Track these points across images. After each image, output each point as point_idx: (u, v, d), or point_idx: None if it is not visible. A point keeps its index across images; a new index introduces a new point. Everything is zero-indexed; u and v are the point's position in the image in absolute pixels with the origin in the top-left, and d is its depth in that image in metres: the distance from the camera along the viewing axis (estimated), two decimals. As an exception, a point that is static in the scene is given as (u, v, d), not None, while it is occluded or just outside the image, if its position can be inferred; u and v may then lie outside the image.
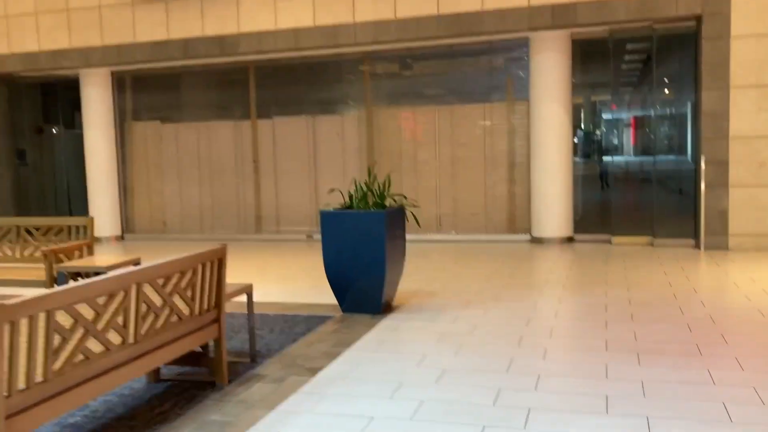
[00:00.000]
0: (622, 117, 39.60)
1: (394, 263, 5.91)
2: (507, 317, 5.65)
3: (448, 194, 10.59)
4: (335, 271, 5.85)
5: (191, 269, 3.90)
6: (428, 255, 9.18)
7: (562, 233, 9.81)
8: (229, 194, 11.69)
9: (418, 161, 10.71)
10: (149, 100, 11.98)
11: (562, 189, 9.77)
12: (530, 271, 7.82)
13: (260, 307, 6.28)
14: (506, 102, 10.28)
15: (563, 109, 9.69)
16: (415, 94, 10.69)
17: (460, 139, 10.49)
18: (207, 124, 11.70)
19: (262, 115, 11.40)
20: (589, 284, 6.90)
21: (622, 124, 40.25)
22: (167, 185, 12.03)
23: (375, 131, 10.86)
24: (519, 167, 10.25)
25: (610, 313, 5.69)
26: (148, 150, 12.10)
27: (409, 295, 6.61)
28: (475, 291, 6.74)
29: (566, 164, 9.79)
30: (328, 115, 11.08)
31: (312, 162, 11.19)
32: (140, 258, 6.12)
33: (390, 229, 5.79)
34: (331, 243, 5.83)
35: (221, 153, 11.68)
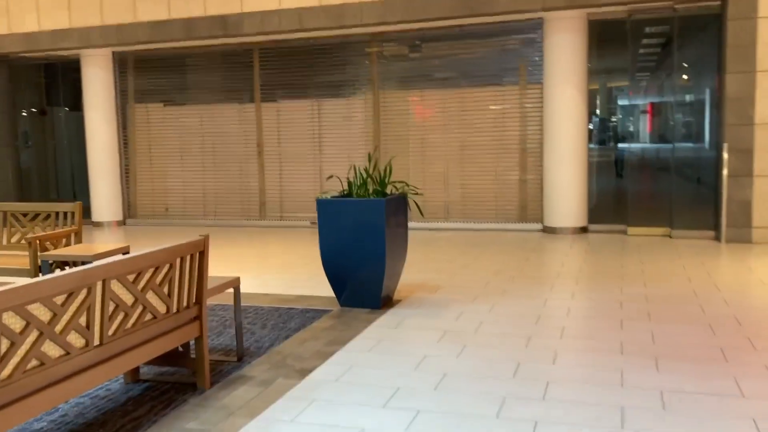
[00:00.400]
0: (638, 103, 38.97)
1: (395, 255, 5.56)
2: (515, 314, 5.29)
3: (457, 181, 10.21)
4: (332, 263, 5.52)
5: (167, 263, 3.57)
6: (435, 244, 8.82)
7: (575, 223, 9.41)
8: (232, 179, 11.37)
9: (427, 146, 10.33)
10: (152, 83, 11.66)
11: (576, 177, 9.36)
12: (541, 263, 7.45)
13: (255, 299, 5.96)
14: (519, 86, 9.86)
15: (578, 93, 9.26)
16: (424, 77, 10.29)
17: (470, 124, 10.09)
18: (210, 107, 11.36)
19: (266, 98, 11.05)
20: (603, 278, 6.52)
21: (637, 111, 39.63)
22: (170, 169, 11.73)
23: (382, 115, 10.48)
24: (531, 154, 9.85)
25: (625, 310, 5.32)
26: (150, 133, 11.79)
27: (412, 288, 6.26)
28: (482, 284, 6.38)
29: (581, 151, 9.37)
30: (334, 99, 10.71)
31: (317, 147, 10.84)
32: (129, 246, 5.80)
33: (391, 218, 5.44)
34: (328, 233, 5.49)
35: (225, 137, 11.35)
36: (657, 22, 9.92)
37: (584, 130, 9.41)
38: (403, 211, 5.75)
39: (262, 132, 11.12)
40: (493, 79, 9.98)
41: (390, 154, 10.45)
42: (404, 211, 5.76)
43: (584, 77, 9.34)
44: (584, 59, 9.30)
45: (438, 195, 10.31)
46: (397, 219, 5.60)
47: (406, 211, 5.80)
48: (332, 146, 10.76)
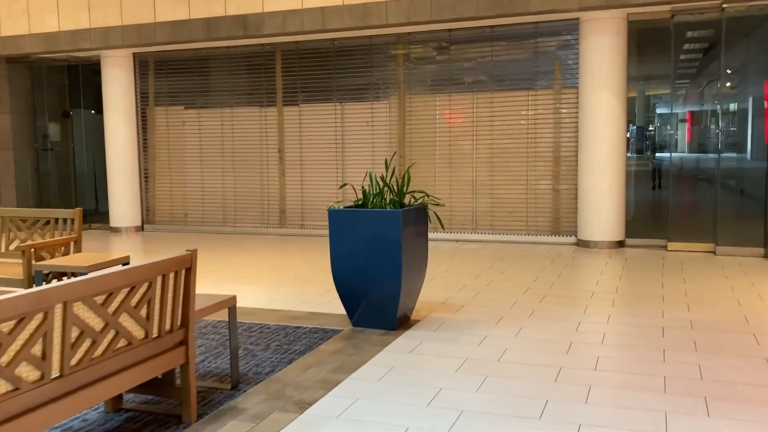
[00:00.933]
0: (678, 111, 37.85)
1: (412, 271, 5.09)
2: (544, 340, 4.77)
3: (486, 190, 9.69)
4: (344, 279, 5.06)
5: (145, 282, 3.15)
6: (460, 257, 8.32)
7: (611, 237, 8.83)
8: (252, 185, 11.01)
9: (454, 153, 9.83)
10: (172, 85, 11.37)
11: (613, 187, 8.78)
12: (574, 280, 6.91)
13: (263, 316, 5.53)
14: (553, 90, 9.32)
15: (616, 98, 8.70)
16: (452, 81, 9.81)
17: (500, 130, 9.57)
18: (231, 110, 11.02)
19: (288, 101, 10.67)
20: (642, 300, 5.96)
21: (676, 119, 38.54)
22: (189, 174, 11.41)
23: (407, 120, 10.02)
24: (565, 162, 9.29)
25: (668, 339, 4.76)
26: (170, 137, 11.50)
27: (432, 307, 5.77)
28: (509, 304, 5.87)
29: (618, 160, 8.80)
30: (358, 103, 10.28)
31: (340, 152, 10.41)
32: (129, 256, 5.43)
33: (409, 231, 4.97)
34: (340, 247, 5.03)
35: (245, 141, 11.00)
36: (701, 25, 9.30)
37: (622, 137, 8.83)
38: (423, 224, 5.27)
39: (283, 136, 10.74)
40: (526, 83, 9.45)
41: (415, 161, 9.98)
42: (424, 223, 5.29)
43: (623, 81, 8.76)
44: (623, 62, 8.73)
45: (465, 204, 9.81)
46: (416, 232, 5.13)
47: (426, 224, 5.32)
48: (355, 152, 10.33)
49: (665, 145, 31.46)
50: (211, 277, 7.35)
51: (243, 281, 7.07)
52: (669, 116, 34.63)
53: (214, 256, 8.79)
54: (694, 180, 15.12)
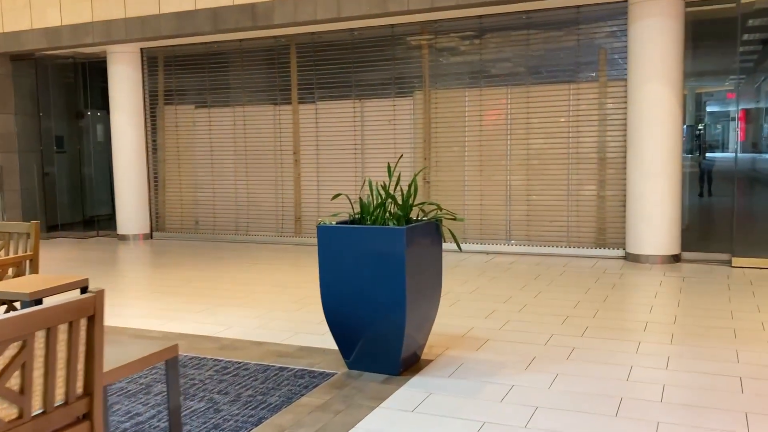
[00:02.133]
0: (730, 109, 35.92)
1: (421, 301, 4.11)
2: (585, 395, 3.74)
3: (521, 195, 8.63)
4: (336, 311, 4.10)
5: (15, 341, 2.24)
6: (489, 273, 7.29)
7: (665, 250, 7.69)
8: (266, 190, 10.14)
9: (485, 154, 8.80)
10: (183, 82, 10.59)
11: (668, 193, 7.64)
12: (624, 306, 5.83)
13: (244, 351, 4.61)
14: (597, 83, 8.22)
15: (671, 91, 7.56)
16: (483, 74, 8.78)
17: (537, 128, 8.51)
18: (244, 109, 10.18)
19: (304, 98, 9.77)
20: (709, 335, 4.86)
21: (728, 117, 36.59)
22: (200, 178, 10.61)
23: (433, 118, 9.02)
24: (612, 164, 8.18)
25: (749, 395, 3.68)
26: (179, 138, 10.71)
27: (449, 341, 4.78)
28: (543, 337, 4.84)
29: (674, 162, 7.65)
30: (379, 99, 9.33)
31: (359, 154, 9.47)
32: (87, 279, 4.56)
33: (416, 251, 3.99)
34: (330, 271, 4.08)
35: (259, 142, 10.14)
36: (764, 13, 8.11)
37: (678, 136, 7.69)
38: (435, 243, 4.28)
39: (298, 137, 9.84)
40: (566, 75, 8.37)
41: (440, 163, 8.98)
42: (436, 242, 4.29)
43: (679, 72, 7.62)
44: (680, 50, 7.59)
45: (498, 212, 8.76)
46: (426, 253, 4.14)
47: (439, 243, 4.33)
48: (376, 153, 9.37)
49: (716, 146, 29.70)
50: (204, 297, 6.47)
51: (236, 303, 6.17)
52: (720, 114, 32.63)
53: (215, 269, 7.93)
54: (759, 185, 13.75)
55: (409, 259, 3.90)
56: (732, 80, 24.40)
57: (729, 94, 29.51)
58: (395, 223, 4.11)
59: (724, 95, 31.26)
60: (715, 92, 27.23)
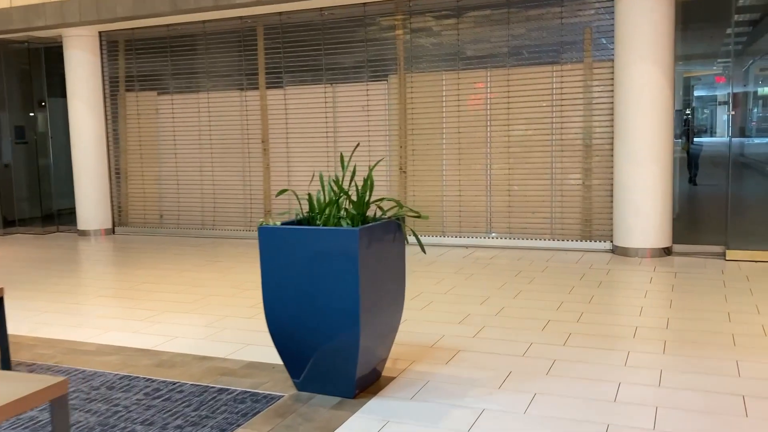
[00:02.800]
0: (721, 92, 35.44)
1: (379, 312, 3.58)
2: (567, 420, 3.23)
3: (502, 185, 8.11)
4: (282, 325, 3.57)
5: None
6: (467, 269, 6.77)
7: (655, 243, 7.20)
8: (233, 181, 9.56)
9: (464, 141, 8.26)
10: (145, 67, 9.96)
11: (658, 182, 7.14)
12: (611, 306, 5.33)
13: (183, 369, 4.06)
14: (582, 64, 7.68)
15: (662, 72, 7.04)
16: (461, 55, 8.22)
17: (519, 113, 7.97)
18: (208, 95, 9.57)
19: (272, 83, 9.18)
20: (706, 342, 4.36)
21: (716, 101, 36.10)
22: (164, 169, 10.01)
23: (409, 103, 8.46)
24: (598, 151, 7.67)
25: (754, 419, 3.18)
26: (141, 126, 10.10)
27: (416, 353, 4.25)
28: (521, 348, 4.32)
29: (664, 148, 7.15)
30: (351, 84, 8.75)
31: (331, 142, 8.90)
32: (3, 289, 4.00)
33: (372, 256, 3.46)
34: (274, 278, 3.54)
35: (225, 131, 9.55)
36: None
37: (668, 121, 7.17)
38: (396, 245, 3.74)
39: (267, 124, 9.26)
40: (549, 56, 7.83)
41: (419, 150, 8.44)
42: (397, 244, 3.76)
43: (670, 51, 7.10)
44: (670, 27, 7.06)
45: (478, 203, 8.24)
46: (385, 257, 3.61)
47: (400, 245, 3.79)
48: (348, 142, 8.81)
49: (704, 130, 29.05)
50: (153, 301, 5.91)
51: (187, 308, 5.62)
52: (709, 98, 32.15)
53: (174, 268, 7.37)
54: (747, 169, 13.31)
55: (364, 264, 3.36)
56: (721, 63, 23.87)
57: (718, 77, 28.90)
58: (349, 224, 3.57)
59: (713, 79, 30.67)
60: (703, 76, 26.67)
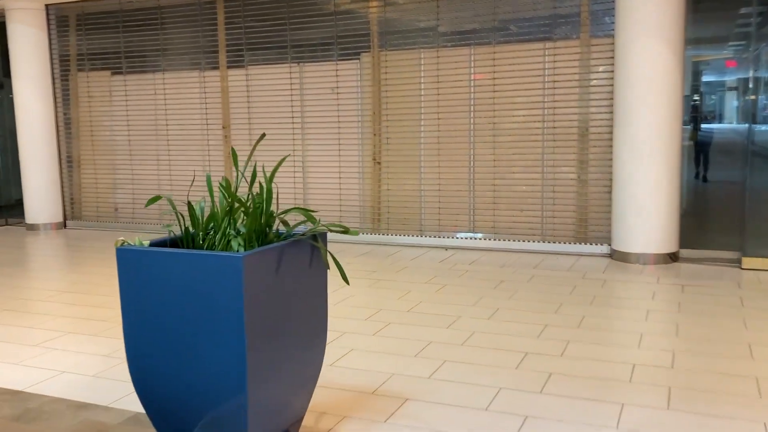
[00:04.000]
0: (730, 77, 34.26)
1: (282, 365, 2.65)
2: None
3: (487, 178, 7.15)
4: (148, 381, 2.65)
5: None
6: (442, 278, 5.83)
7: (660, 248, 6.24)
8: (192, 171, 8.63)
9: (444, 128, 7.30)
10: (97, 45, 9.00)
11: (664, 178, 6.18)
12: (605, 333, 4.39)
13: (47, 423, 3.15)
14: (579, 41, 6.70)
15: (670, 49, 6.05)
16: (441, 31, 7.24)
17: (506, 96, 7.00)
18: (164, 75, 8.61)
19: (233, 62, 8.21)
20: (723, 391, 3.42)
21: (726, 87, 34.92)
22: (118, 158, 9.08)
23: (384, 85, 7.50)
24: (596, 141, 6.70)
25: None
26: (92, 110, 9.15)
27: (351, 402, 3.33)
28: (487, 396, 3.39)
29: (672, 139, 6.18)
30: (319, 63, 7.79)
31: (298, 127, 7.95)
32: None
33: (270, 290, 2.53)
34: (138, 317, 2.61)
35: (182, 115, 8.60)
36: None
37: (678, 107, 6.20)
38: (312, 271, 2.81)
39: (228, 108, 8.30)
40: (541, 32, 6.84)
41: (395, 138, 7.48)
42: (314, 269, 2.82)
43: (680, 26, 6.11)
44: None
45: (460, 198, 7.29)
46: (293, 289, 2.68)
47: (318, 269, 2.85)
48: (317, 127, 7.86)
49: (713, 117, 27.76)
50: (62, 318, 5.00)
51: (96, 328, 4.70)
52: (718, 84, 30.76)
53: (110, 273, 6.45)
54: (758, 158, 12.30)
55: (254, 300, 2.44)
56: (732, 47, 22.66)
57: (728, 62, 27.68)
58: (241, 244, 2.63)
59: (723, 63, 29.50)
60: (712, 60, 25.39)
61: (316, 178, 7.91)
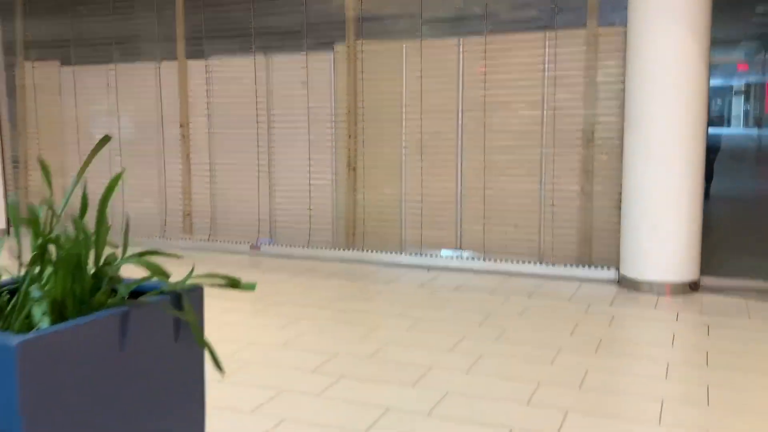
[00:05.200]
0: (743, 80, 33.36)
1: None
2: None
3: (476, 188, 6.19)
4: None
5: None
6: (417, 310, 4.87)
7: (678, 275, 5.27)
8: (148, 176, 7.68)
9: (428, 131, 6.34)
10: (45, 31, 8.05)
11: (685, 192, 5.21)
12: (620, 394, 3.43)
13: None
14: (585, 30, 5.73)
15: (694, 41, 5.08)
16: (426, 19, 6.28)
17: (499, 94, 6.03)
18: (116, 66, 7.66)
19: (193, 53, 7.26)
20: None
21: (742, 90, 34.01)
22: (68, 159, 8.13)
23: (360, 80, 6.54)
24: (604, 147, 5.73)
25: None
26: (40, 104, 8.21)
27: None
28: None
29: (694, 146, 5.21)
30: (289, 54, 6.83)
31: (264, 127, 7.00)
32: None
33: (86, 389, 1.57)
34: None
35: (135, 111, 7.65)
36: None
37: (702, 108, 5.23)
38: (177, 350, 1.85)
39: (186, 104, 7.35)
40: (541, 20, 5.87)
41: (372, 141, 6.53)
42: (181, 347, 1.86)
43: (706, 11, 5.14)
44: (707, -22, 5.11)
45: (444, 211, 6.33)
46: (144, 379, 1.72)
47: (187, 346, 1.89)
48: (287, 126, 6.91)
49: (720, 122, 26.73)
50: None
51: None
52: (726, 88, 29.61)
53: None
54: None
55: (51, 410, 1.48)
56: (744, 48, 21.45)
57: (740, 65, 26.41)
58: (46, 312, 1.67)
59: (734, 67, 28.31)
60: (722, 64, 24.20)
61: (284, 185, 6.96)
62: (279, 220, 6.99)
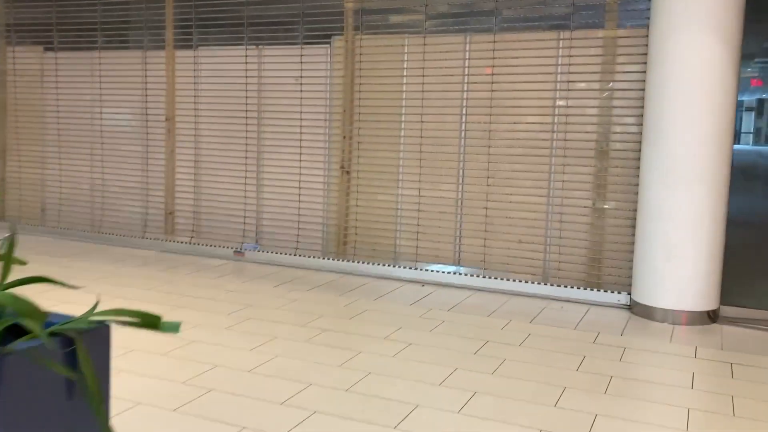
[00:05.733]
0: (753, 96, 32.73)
1: None
2: None
3: (478, 199, 5.72)
4: None
5: None
6: (404, 334, 4.40)
7: (697, 304, 4.79)
8: (130, 170, 7.22)
9: (429, 134, 5.87)
10: (28, 15, 7.61)
11: (707, 212, 4.74)
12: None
13: None
14: (603, 30, 5.26)
15: (723, 47, 4.61)
16: (431, 14, 5.82)
17: (507, 99, 5.56)
18: (100, 55, 7.21)
19: (181, 43, 6.81)
20: None
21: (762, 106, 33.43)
22: (46, 150, 7.69)
23: (357, 75, 6.08)
24: (619, 160, 5.26)
25: None
26: (18, 93, 7.77)
27: None
28: None
29: (719, 163, 4.74)
30: (282, 46, 6.37)
31: (253, 124, 6.55)
32: None
33: None
34: None
35: (119, 102, 7.20)
36: None
37: (729, 121, 4.75)
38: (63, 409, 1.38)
39: (173, 96, 6.90)
40: (555, 20, 5.41)
41: (368, 143, 6.07)
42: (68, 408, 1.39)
43: (737, 15, 4.67)
44: (741, -23, 4.63)
45: (443, 222, 5.86)
46: None
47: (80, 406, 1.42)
48: (278, 123, 6.45)
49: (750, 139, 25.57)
50: None
51: None
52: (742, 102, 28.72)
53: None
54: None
55: None
56: (759, 63, 20.85)
57: (754, 80, 25.87)
58: None
59: (747, 81, 27.78)
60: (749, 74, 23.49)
61: (272, 186, 6.50)
62: (266, 223, 6.54)
